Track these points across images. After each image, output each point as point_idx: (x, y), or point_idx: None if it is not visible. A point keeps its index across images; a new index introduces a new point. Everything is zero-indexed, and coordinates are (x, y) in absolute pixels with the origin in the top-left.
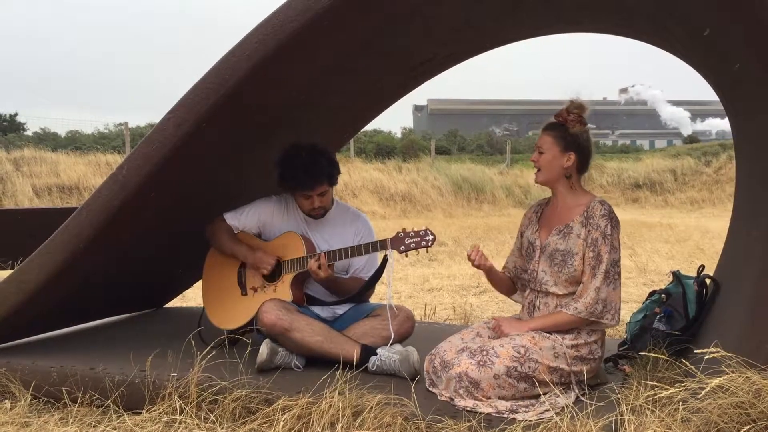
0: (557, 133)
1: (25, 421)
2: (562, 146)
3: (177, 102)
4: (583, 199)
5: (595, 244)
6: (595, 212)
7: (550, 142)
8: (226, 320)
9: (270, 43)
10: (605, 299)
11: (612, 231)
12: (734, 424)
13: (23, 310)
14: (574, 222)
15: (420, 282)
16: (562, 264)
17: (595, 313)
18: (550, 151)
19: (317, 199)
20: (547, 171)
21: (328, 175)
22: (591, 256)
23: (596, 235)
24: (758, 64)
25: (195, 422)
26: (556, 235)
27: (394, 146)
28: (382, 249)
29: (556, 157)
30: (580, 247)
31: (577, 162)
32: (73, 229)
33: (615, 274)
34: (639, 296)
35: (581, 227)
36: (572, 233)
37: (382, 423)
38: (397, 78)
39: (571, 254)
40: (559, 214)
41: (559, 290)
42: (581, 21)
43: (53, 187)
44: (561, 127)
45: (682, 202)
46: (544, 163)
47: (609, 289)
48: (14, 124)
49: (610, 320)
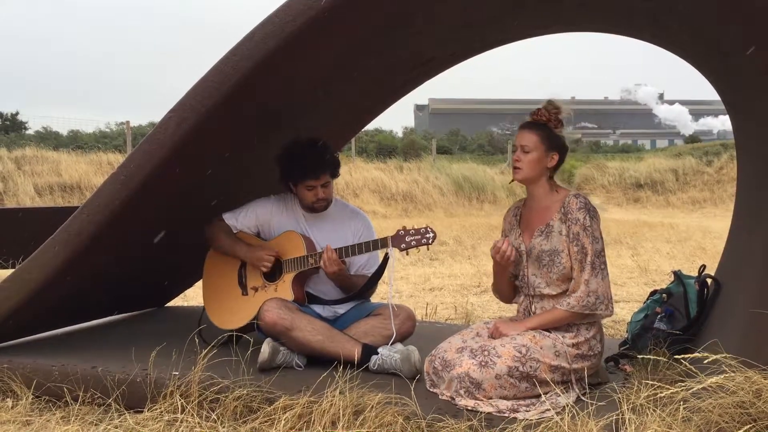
0: (543, 133)
1: (26, 420)
2: (547, 146)
3: (178, 101)
4: (558, 196)
5: (578, 238)
6: (572, 207)
7: (536, 140)
8: (228, 321)
9: (271, 42)
10: (596, 290)
11: (591, 222)
12: (735, 423)
13: (25, 309)
14: (554, 220)
15: (421, 281)
16: (551, 264)
17: (588, 306)
18: (536, 151)
19: (321, 191)
20: (529, 169)
21: (331, 165)
22: (576, 251)
23: (577, 228)
24: (759, 64)
25: (196, 421)
26: (538, 236)
27: (395, 146)
28: (383, 247)
29: (541, 158)
30: (564, 244)
31: (556, 162)
32: (74, 228)
33: (601, 264)
34: (640, 296)
35: (561, 224)
36: (554, 231)
37: (383, 422)
38: (397, 78)
39: (557, 252)
40: (538, 215)
41: (552, 291)
42: (581, 20)
43: (55, 186)
44: (544, 127)
45: (684, 201)
46: (527, 162)
47: (597, 279)
48: (16, 123)
49: (604, 310)
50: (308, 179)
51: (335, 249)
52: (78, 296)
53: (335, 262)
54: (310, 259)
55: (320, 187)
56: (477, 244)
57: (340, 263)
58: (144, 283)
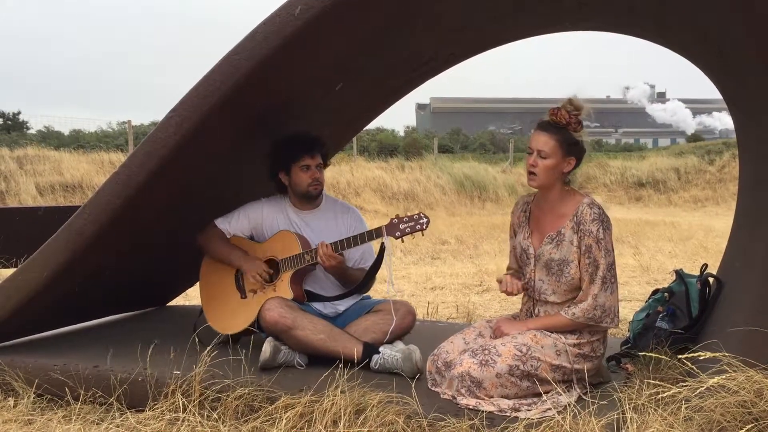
0: (560, 137)
1: (28, 419)
2: (565, 151)
3: (180, 100)
4: (572, 201)
5: (590, 251)
6: (585, 217)
7: (554, 146)
8: (229, 325)
9: (272, 42)
10: (603, 304)
11: (604, 234)
12: (737, 422)
13: (26, 308)
14: (566, 228)
15: (423, 280)
16: (560, 273)
17: (593, 318)
18: (554, 157)
19: (316, 171)
20: (545, 176)
21: (323, 145)
22: (587, 263)
23: (589, 241)
24: (761, 63)
25: (198, 420)
26: (548, 243)
27: (396, 145)
28: (378, 237)
29: (559, 163)
30: (575, 255)
31: (573, 167)
32: (75, 227)
33: (611, 278)
34: (642, 295)
35: (573, 233)
36: (565, 240)
37: (385, 421)
38: (398, 78)
39: (567, 262)
40: (549, 219)
41: (558, 299)
42: (582, 19)
43: (56, 185)
44: (563, 130)
45: (686, 200)
46: (543, 168)
47: (607, 294)
48: (17, 123)
49: (609, 323)
50: (305, 155)
51: (329, 244)
52: (79, 295)
53: (332, 257)
54: (306, 255)
55: (315, 167)
56: (479, 243)
57: (338, 257)
58: (145, 282)
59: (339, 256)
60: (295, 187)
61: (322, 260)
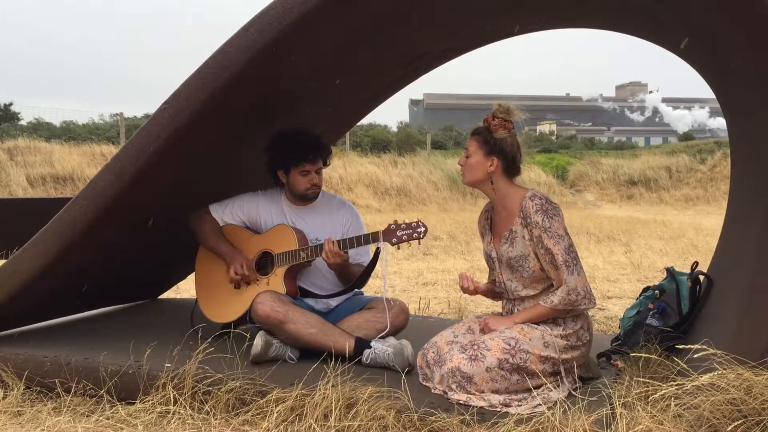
0: (482, 137)
1: (18, 411)
2: (485, 150)
3: (173, 92)
4: (515, 198)
5: (541, 241)
6: (528, 210)
7: (475, 146)
8: (221, 314)
9: (267, 35)
10: (575, 288)
11: (551, 222)
12: (726, 420)
13: (17, 300)
14: (515, 224)
15: (414, 276)
16: (521, 269)
17: (571, 303)
18: (475, 156)
19: (315, 176)
20: (470, 174)
21: (327, 150)
22: (542, 253)
23: (537, 232)
24: (757, 63)
25: (189, 413)
26: (505, 243)
27: (389, 140)
28: (374, 242)
29: (480, 162)
30: (530, 248)
31: (501, 166)
32: (67, 219)
33: (573, 260)
34: (633, 292)
35: (522, 228)
36: (517, 237)
37: (375, 415)
38: (393, 72)
39: (524, 257)
40: (502, 219)
41: (531, 292)
42: (579, 16)
43: (47, 177)
44: (486, 132)
45: (677, 199)
46: (468, 167)
47: (574, 276)
48: (9, 114)
49: (587, 304)
50: (305, 162)
51: (336, 241)
52: (70, 287)
53: (338, 255)
54: (302, 252)
55: (314, 172)
56: (470, 239)
57: (343, 255)
58: (137, 275)
59: (345, 254)
60: (292, 188)
61: (327, 256)
